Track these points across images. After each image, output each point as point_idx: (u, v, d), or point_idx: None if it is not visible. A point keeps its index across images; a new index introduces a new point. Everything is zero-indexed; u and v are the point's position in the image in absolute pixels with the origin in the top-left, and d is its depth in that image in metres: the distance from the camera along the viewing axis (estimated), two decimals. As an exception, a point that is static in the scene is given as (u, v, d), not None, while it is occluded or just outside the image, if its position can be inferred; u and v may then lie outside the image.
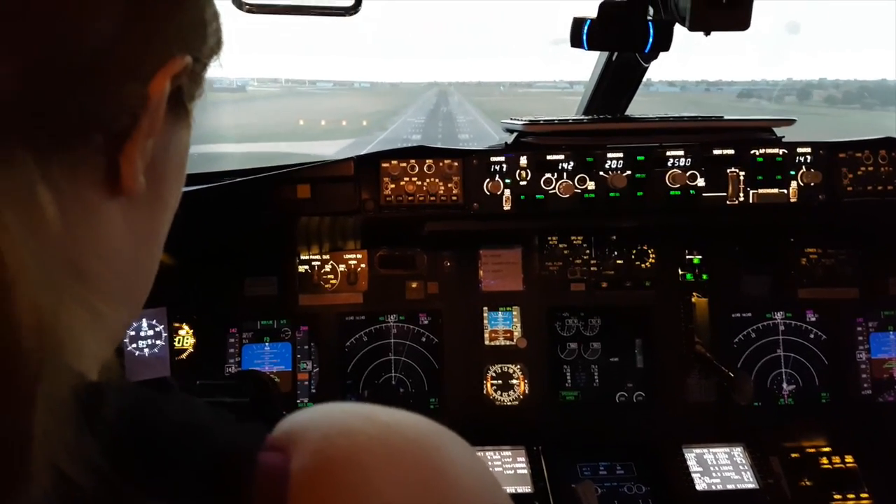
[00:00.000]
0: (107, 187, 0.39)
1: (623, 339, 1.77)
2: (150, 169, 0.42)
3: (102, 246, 0.41)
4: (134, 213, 0.43)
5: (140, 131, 0.39)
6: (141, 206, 0.43)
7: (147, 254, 0.48)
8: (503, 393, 1.74)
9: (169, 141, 0.45)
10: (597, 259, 1.78)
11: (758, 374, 1.77)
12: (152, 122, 0.40)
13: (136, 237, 0.44)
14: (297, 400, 1.73)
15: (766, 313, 1.79)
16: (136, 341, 1.67)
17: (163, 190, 0.46)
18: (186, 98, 0.46)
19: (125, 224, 0.42)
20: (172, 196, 0.49)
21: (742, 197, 1.62)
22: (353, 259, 1.79)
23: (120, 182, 0.40)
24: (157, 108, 0.40)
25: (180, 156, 0.48)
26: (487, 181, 1.62)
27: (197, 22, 0.45)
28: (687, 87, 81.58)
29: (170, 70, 0.40)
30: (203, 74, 0.47)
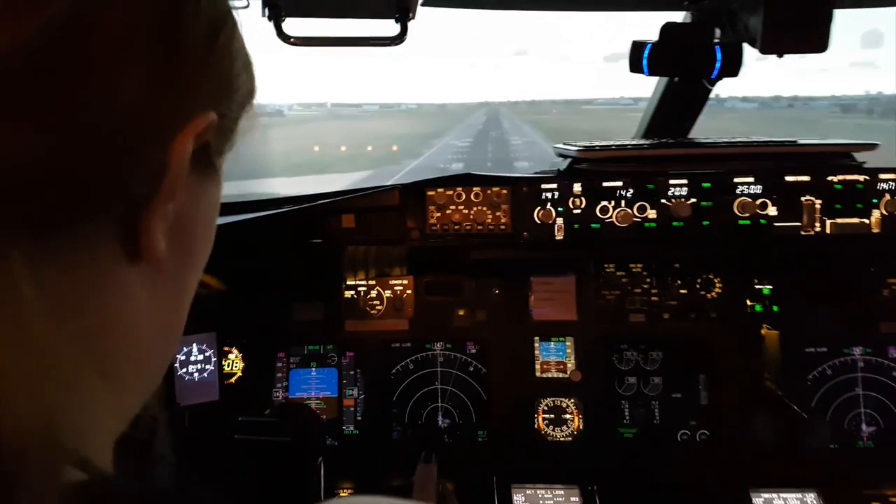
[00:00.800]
0: (125, 255, 0.37)
1: (686, 373, 1.68)
2: (173, 231, 0.40)
3: (122, 316, 0.39)
4: (156, 279, 0.41)
5: (161, 196, 0.37)
6: (164, 270, 0.41)
7: (170, 319, 0.45)
8: (556, 428, 1.68)
9: (195, 200, 0.43)
10: (658, 288, 1.70)
11: (834, 415, 1.65)
12: (173, 185, 0.37)
13: (159, 302, 0.42)
14: (343, 426, 1.72)
15: (844, 348, 1.67)
16: (186, 366, 1.69)
17: (188, 252, 0.44)
18: (214, 154, 0.43)
19: (146, 291, 0.40)
20: (199, 257, 0.46)
21: (818, 227, 1.52)
22: (399, 285, 1.77)
23: (139, 249, 0.37)
24: (178, 171, 0.37)
25: (208, 215, 0.46)
26: (538, 209, 1.57)
27: (225, 77, 0.42)
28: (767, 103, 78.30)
29: (192, 130, 0.38)
30: (234, 128, 0.45)
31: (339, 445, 1.71)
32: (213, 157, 0.43)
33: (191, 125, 0.37)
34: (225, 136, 0.44)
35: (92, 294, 0.36)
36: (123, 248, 0.37)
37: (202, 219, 0.45)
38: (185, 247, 0.43)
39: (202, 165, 0.42)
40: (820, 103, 69.05)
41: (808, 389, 1.66)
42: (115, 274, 0.37)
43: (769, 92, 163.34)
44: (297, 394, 1.74)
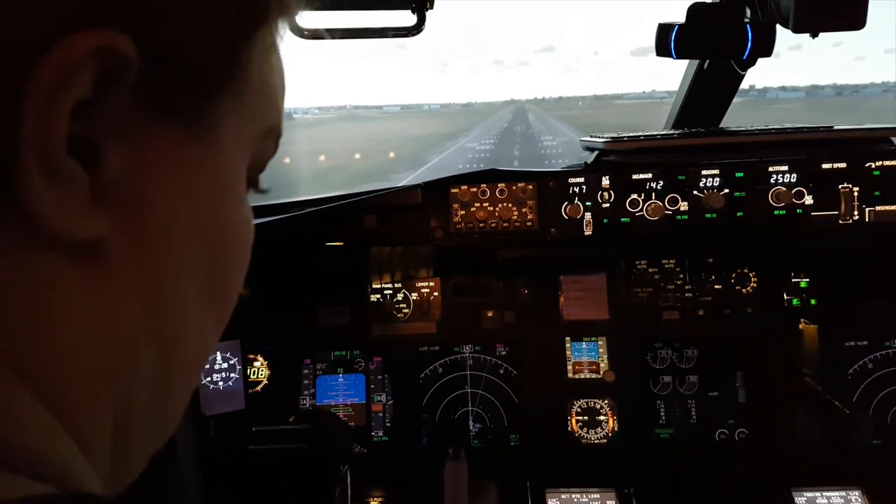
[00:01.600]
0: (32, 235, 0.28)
1: (723, 371, 1.65)
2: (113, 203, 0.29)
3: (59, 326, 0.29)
4: (104, 272, 0.30)
5: (27, 148, 0.26)
6: (121, 268, 0.31)
7: (158, 336, 0.33)
8: (590, 430, 1.65)
9: (153, 161, 0.31)
10: (692, 284, 1.66)
11: (876, 410, 1.61)
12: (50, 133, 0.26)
13: (117, 306, 0.31)
14: (372, 433, 1.70)
15: (886, 341, 1.63)
16: (210, 374, 1.68)
17: (153, 237, 0.32)
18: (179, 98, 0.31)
19: (90, 288, 0.30)
20: (186, 249, 0.34)
21: (857, 215, 1.48)
22: (426, 287, 1.75)
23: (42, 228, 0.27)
24: (48, 112, 0.26)
25: (192, 187, 0.33)
26: (566, 204, 1.54)
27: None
28: (811, 92, 77.21)
29: (62, 54, 0.26)
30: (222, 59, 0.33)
31: (369, 453, 1.69)
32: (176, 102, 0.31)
33: (61, 46, 0.26)
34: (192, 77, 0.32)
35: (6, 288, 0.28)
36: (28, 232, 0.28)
37: (175, 192, 0.33)
38: (148, 234, 0.32)
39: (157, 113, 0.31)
40: (871, 90, 67.83)
41: (850, 384, 1.62)
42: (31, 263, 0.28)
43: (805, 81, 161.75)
44: (325, 401, 1.72)
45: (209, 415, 1.65)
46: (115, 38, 0.27)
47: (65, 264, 0.29)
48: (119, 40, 0.27)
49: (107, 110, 0.28)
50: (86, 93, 0.27)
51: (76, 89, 0.27)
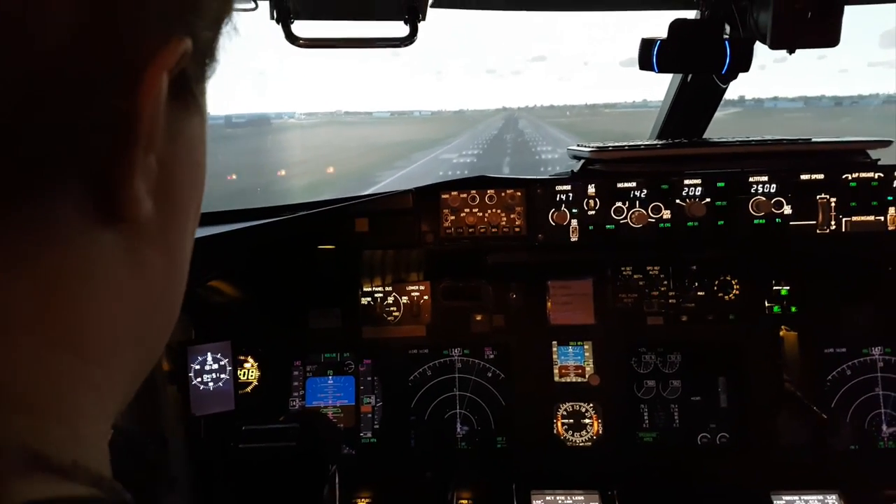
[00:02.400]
0: (101, 217, 0.32)
1: (705, 376, 1.70)
2: (156, 182, 0.34)
3: (99, 289, 0.33)
4: (138, 241, 0.35)
5: (136, 147, 0.31)
6: (147, 230, 0.35)
7: (160, 287, 0.39)
8: (575, 433, 1.69)
9: (176, 141, 0.36)
10: (675, 291, 1.72)
11: (854, 415, 1.66)
12: (151, 132, 0.31)
13: (146, 271, 0.36)
14: (361, 433, 1.73)
15: (863, 349, 1.68)
16: (200, 375, 1.70)
17: (174, 205, 0.37)
18: (193, 82, 0.36)
19: (130, 256, 0.34)
20: (188, 209, 0.40)
21: (833, 225, 1.54)
22: (416, 291, 1.79)
23: (119, 211, 0.32)
24: (153, 114, 0.31)
25: (192, 154, 0.39)
26: (553, 211, 1.59)
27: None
28: (811, 102, 77.38)
29: (162, 63, 0.31)
30: (213, 45, 0.37)
31: (357, 454, 1.72)
32: (191, 85, 0.36)
33: (160, 56, 0.31)
34: (201, 60, 0.37)
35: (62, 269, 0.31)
36: (100, 212, 0.32)
37: (186, 162, 0.38)
38: (170, 199, 0.37)
39: (182, 97, 0.35)
40: (871, 101, 68.20)
41: (828, 390, 1.67)
42: (90, 243, 0.32)
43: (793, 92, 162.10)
44: (314, 402, 1.75)
45: (199, 415, 1.67)
46: (188, 42, 0.32)
47: (114, 236, 0.33)
48: (189, 44, 0.32)
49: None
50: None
51: (166, 88, 0.32)
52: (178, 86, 0.34)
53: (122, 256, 0.34)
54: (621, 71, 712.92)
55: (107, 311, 0.34)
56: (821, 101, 77.33)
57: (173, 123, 0.35)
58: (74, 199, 0.31)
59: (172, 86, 0.32)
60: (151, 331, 0.39)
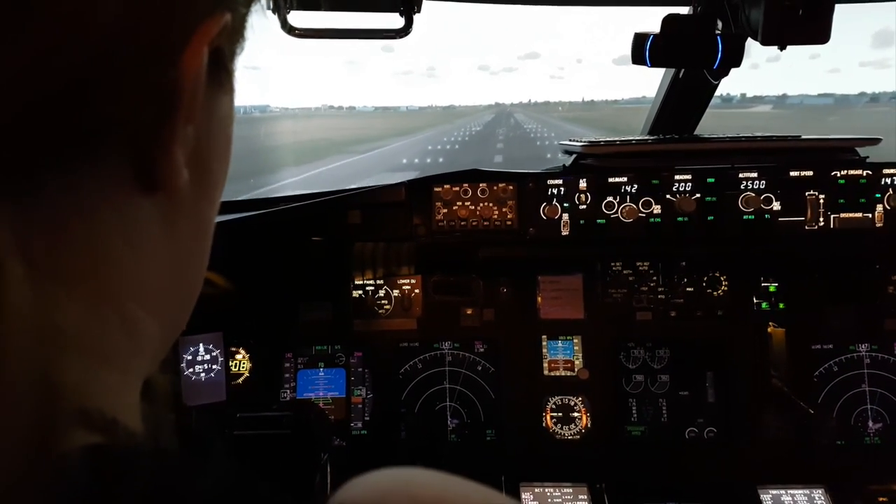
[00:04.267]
0: (138, 187, 0.33)
1: (693, 371, 1.72)
2: (192, 154, 0.36)
3: (139, 256, 0.35)
4: (172, 211, 0.37)
5: (177, 119, 0.33)
6: (181, 201, 0.37)
7: (190, 256, 0.41)
8: (564, 426, 1.71)
9: (210, 114, 0.38)
10: (665, 286, 1.74)
11: (841, 411, 1.69)
12: (191, 104, 0.33)
13: (178, 235, 0.38)
14: (351, 423, 1.75)
15: (850, 345, 1.71)
16: (192, 366, 1.72)
17: (206, 176, 0.39)
18: (227, 59, 0.38)
19: (162, 226, 0.36)
20: (218, 181, 0.41)
21: (822, 222, 1.56)
22: (408, 285, 1.80)
23: (158, 180, 0.34)
24: (195, 87, 0.33)
25: (225, 130, 0.41)
26: (544, 205, 1.61)
27: None
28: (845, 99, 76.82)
29: (204, 37, 0.32)
30: (243, 25, 0.39)
31: (348, 445, 1.74)
32: (224, 62, 0.37)
33: (202, 31, 0.32)
34: (235, 36, 0.38)
35: (107, 241, 0.33)
36: (140, 180, 0.33)
37: (219, 135, 0.40)
38: (204, 171, 0.39)
39: (215, 75, 0.36)
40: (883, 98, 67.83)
41: (815, 386, 1.70)
42: (129, 209, 0.34)
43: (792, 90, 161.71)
44: (305, 394, 1.77)
45: (191, 405, 1.69)
46: (227, 17, 0.34)
47: (152, 203, 0.35)
48: (228, 18, 0.34)
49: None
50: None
51: (206, 62, 0.33)
52: (213, 62, 0.35)
53: (158, 222, 0.36)
54: (614, 69, 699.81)
55: (144, 270, 0.36)
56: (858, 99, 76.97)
57: (209, 99, 0.36)
58: (118, 166, 0.32)
59: (210, 63, 0.34)
60: (182, 290, 0.41)
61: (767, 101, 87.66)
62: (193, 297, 0.43)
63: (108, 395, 0.32)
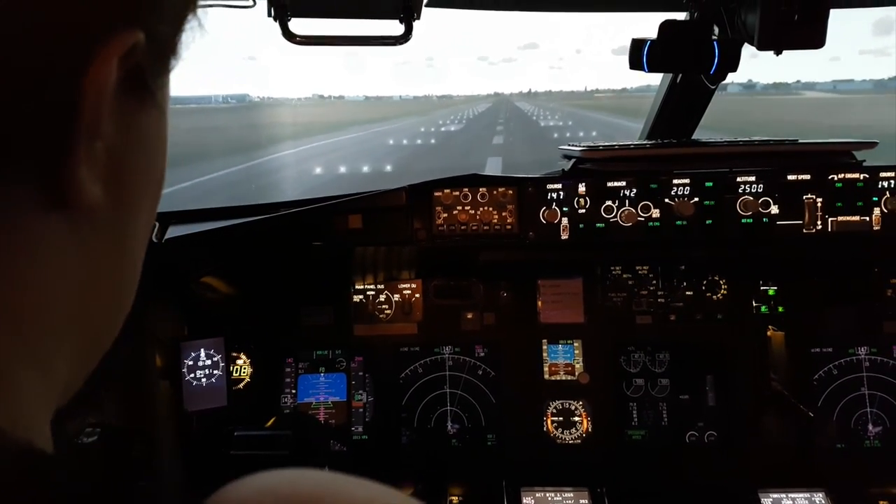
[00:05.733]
0: (45, 204, 0.33)
1: (693, 375, 1.74)
2: (105, 169, 0.35)
3: (44, 274, 0.34)
4: (87, 228, 0.36)
5: (80, 135, 0.32)
6: (96, 217, 0.36)
7: (111, 274, 0.40)
8: (565, 431, 1.73)
9: (130, 132, 0.37)
10: (664, 290, 1.76)
11: (840, 414, 1.71)
12: (95, 121, 0.32)
13: (94, 256, 0.37)
14: (352, 428, 1.76)
15: (849, 349, 1.73)
16: (193, 371, 1.74)
17: (126, 194, 0.38)
18: (149, 77, 0.37)
19: (75, 243, 0.35)
20: (141, 199, 0.41)
21: (819, 225, 1.58)
22: (408, 289, 1.83)
23: (65, 196, 0.33)
24: (98, 104, 0.32)
25: (149, 147, 0.40)
26: (544, 209, 1.63)
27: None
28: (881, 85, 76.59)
29: (110, 54, 0.32)
30: (170, 45, 0.38)
31: (349, 451, 1.75)
32: (147, 79, 0.37)
33: (108, 47, 0.32)
34: (159, 55, 0.37)
35: (4, 251, 0.32)
36: (45, 196, 0.33)
37: (141, 154, 0.39)
38: (122, 188, 0.38)
39: (135, 91, 0.36)
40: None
41: (815, 390, 1.72)
42: (35, 226, 0.33)
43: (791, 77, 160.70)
44: (306, 399, 1.79)
45: (192, 411, 1.71)
46: (140, 36, 0.33)
47: (61, 220, 0.34)
48: (141, 37, 0.33)
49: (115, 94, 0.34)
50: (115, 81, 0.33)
51: (114, 79, 0.33)
52: (132, 80, 0.35)
53: (68, 240, 0.35)
54: (613, 59, 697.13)
55: (48, 291, 0.35)
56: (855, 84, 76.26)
57: (127, 116, 0.36)
58: (22, 182, 0.32)
59: (126, 79, 0.34)
60: (99, 313, 0.40)
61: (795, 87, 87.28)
62: (116, 316, 0.42)
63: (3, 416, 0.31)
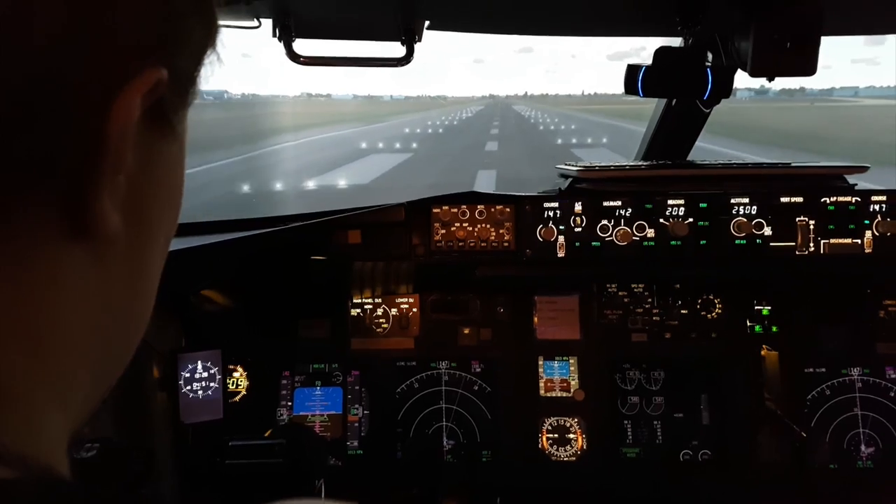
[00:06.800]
0: (68, 234, 0.34)
1: (688, 393, 1.77)
2: (125, 201, 0.36)
3: (66, 301, 0.36)
4: (108, 256, 0.37)
5: (105, 167, 0.34)
6: (117, 245, 0.38)
7: (129, 300, 0.42)
8: (559, 448, 1.76)
9: (150, 163, 0.39)
10: (659, 308, 1.80)
11: (833, 434, 1.73)
12: (119, 155, 0.34)
13: (113, 283, 0.39)
14: (348, 442, 1.78)
15: (842, 369, 1.76)
16: (190, 383, 1.76)
17: (145, 223, 0.40)
18: (170, 110, 0.39)
19: (96, 270, 0.37)
20: (160, 228, 0.42)
21: (812, 247, 1.63)
22: (406, 303, 1.86)
23: (87, 226, 0.35)
24: (122, 139, 0.34)
25: (168, 179, 0.42)
26: (540, 227, 1.67)
27: (169, 18, 0.37)
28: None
29: (134, 92, 0.34)
30: (190, 81, 0.40)
31: (344, 465, 1.77)
32: (168, 113, 0.39)
33: (132, 85, 0.33)
34: (180, 90, 0.39)
35: (28, 279, 0.34)
36: (68, 225, 0.34)
37: (160, 185, 0.41)
38: (141, 217, 0.40)
39: (157, 124, 0.38)
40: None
41: (808, 409, 1.75)
42: (57, 254, 0.35)
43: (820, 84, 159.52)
44: (302, 412, 1.81)
45: (188, 423, 1.73)
46: (163, 72, 0.35)
47: (83, 248, 0.36)
48: (164, 74, 0.35)
49: (137, 127, 0.36)
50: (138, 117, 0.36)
51: (138, 115, 0.35)
52: (154, 113, 0.37)
53: (88, 267, 0.36)
54: (609, 64, 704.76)
55: (69, 316, 0.36)
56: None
57: (148, 147, 0.38)
58: (46, 212, 0.33)
59: (149, 113, 0.36)
60: (116, 338, 0.41)
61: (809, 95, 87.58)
62: (132, 339, 0.44)
63: (17, 433, 0.33)
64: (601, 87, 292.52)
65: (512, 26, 1.52)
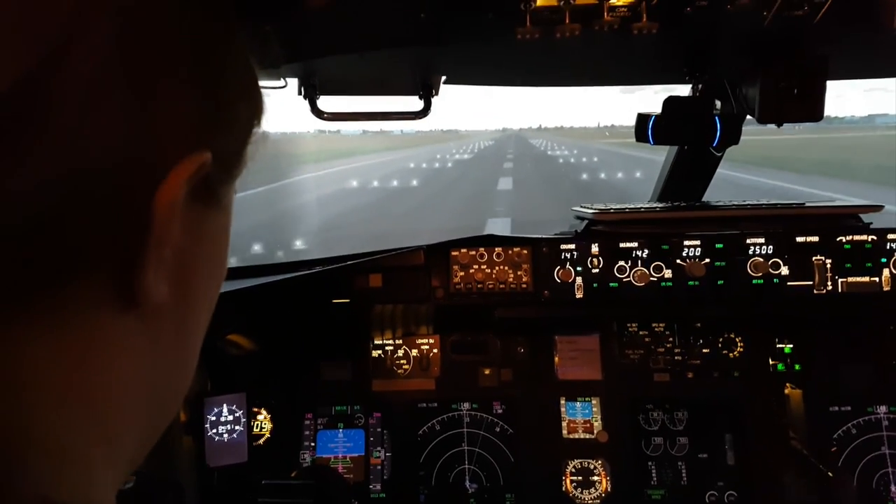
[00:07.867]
0: (119, 304, 0.37)
1: (712, 433, 1.78)
2: (173, 270, 0.39)
3: (121, 370, 0.39)
4: (156, 323, 0.40)
5: (150, 244, 0.36)
6: (164, 312, 0.40)
7: (176, 362, 0.45)
8: (584, 490, 1.77)
9: (196, 235, 0.41)
10: (681, 347, 1.83)
11: (861, 474, 1.73)
12: (165, 233, 0.36)
13: (162, 347, 0.42)
14: (370, 485, 1.81)
15: (868, 407, 1.76)
16: (216, 426, 1.81)
17: (191, 290, 0.43)
18: (216, 185, 0.41)
19: (146, 337, 0.40)
20: (205, 294, 0.45)
21: (829, 286, 1.65)
22: (426, 344, 1.90)
23: (136, 298, 0.37)
24: (168, 218, 0.36)
25: (213, 248, 0.44)
26: (558, 269, 1.72)
27: (217, 111, 0.40)
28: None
29: (180, 175, 0.36)
30: (237, 159, 0.43)
31: None
32: (215, 188, 0.41)
33: (178, 169, 0.36)
34: (227, 168, 0.42)
35: (85, 346, 0.37)
36: (119, 299, 0.37)
37: (205, 253, 0.44)
38: (187, 285, 0.42)
39: (203, 197, 0.40)
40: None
41: (835, 448, 1.74)
42: (111, 324, 0.37)
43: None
44: (324, 454, 1.85)
45: (213, 466, 1.77)
46: (207, 156, 0.38)
47: (133, 316, 0.39)
48: (208, 157, 0.38)
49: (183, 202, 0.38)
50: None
51: (183, 194, 0.38)
52: (201, 189, 0.39)
53: (137, 334, 0.39)
54: (621, 97, 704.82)
55: (121, 377, 0.39)
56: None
57: (194, 219, 0.40)
58: (100, 286, 0.36)
59: (195, 189, 0.38)
60: (162, 396, 0.44)
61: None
62: (176, 401, 0.47)
63: (75, 489, 0.35)
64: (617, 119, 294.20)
65: (525, 79, 1.60)
